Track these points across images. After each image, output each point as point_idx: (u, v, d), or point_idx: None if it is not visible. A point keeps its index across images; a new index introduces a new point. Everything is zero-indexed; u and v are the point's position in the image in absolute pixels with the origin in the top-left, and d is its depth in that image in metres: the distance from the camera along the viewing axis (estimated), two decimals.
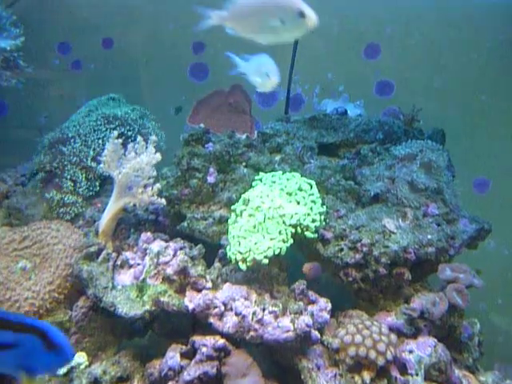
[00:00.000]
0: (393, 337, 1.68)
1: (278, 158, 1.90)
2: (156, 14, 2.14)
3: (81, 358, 1.58)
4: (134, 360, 1.62)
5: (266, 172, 1.82)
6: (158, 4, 2.16)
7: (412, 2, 2.09)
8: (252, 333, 1.49)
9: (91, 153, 1.84)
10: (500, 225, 2.18)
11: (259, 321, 1.50)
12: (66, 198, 1.83)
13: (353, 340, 1.63)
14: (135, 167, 1.55)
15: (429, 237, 1.78)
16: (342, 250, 1.76)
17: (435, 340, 1.72)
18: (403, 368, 1.67)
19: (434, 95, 2.17)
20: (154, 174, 1.63)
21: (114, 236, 1.71)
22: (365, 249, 1.75)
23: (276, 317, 1.54)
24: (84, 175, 1.83)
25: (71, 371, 1.55)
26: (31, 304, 1.59)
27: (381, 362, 1.60)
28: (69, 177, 1.82)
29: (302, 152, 1.90)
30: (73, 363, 1.57)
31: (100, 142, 1.85)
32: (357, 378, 1.62)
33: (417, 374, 1.65)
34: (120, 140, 1.60)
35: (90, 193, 1.87)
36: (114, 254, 1.63)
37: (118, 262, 1.63)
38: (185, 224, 1.78)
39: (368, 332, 1.66)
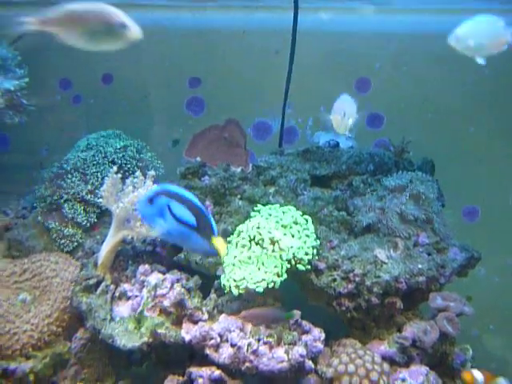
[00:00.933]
0: (385, 366, 1.70)
1: (272, 190, 1.94)
2: (152, 51, 2.20)
3: None
4: None
5: (260, 204, 1.86)
6: (154, 40, 2.23)
7: (400, 38, 2.16)
8: (247, 364, 1.51)
9: (89, 187, 1.88)
10: (490, 252, 2.23)
11: (254, 352, 1.52)
12: (65, 231, 1.86)
13: (346, 370, 1.66)
14: (133, 201, 1.59)
15: (419, 266, 1.82)
16: (334, 280, 1.79)
17: (427, 368, 1.74)
18: None
19: (423, 126, 2.23)
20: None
21: (113, 268, 1.74)
22: (357, 279, 1.78)
23: (271, 347, 1.57)
24: (82, 208, 1.87)
25: None
26: (30, 336, 1.61)
27: None
28: (67, 210, 1.85)
29: (295, 184, 1.95)
30: None
31: (98, 175, 1.89)
32: None
33: None
34: (119, 175, 1.65)
35: (88, 224, 1.91)
36: (112, 286, 1.66)
37: (117, 294, 1.66)
38: (181, 255, 1.82)
39: (361, 361, 1.68)
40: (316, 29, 2.13)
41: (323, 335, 1.71)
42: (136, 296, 1.65)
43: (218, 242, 1.45)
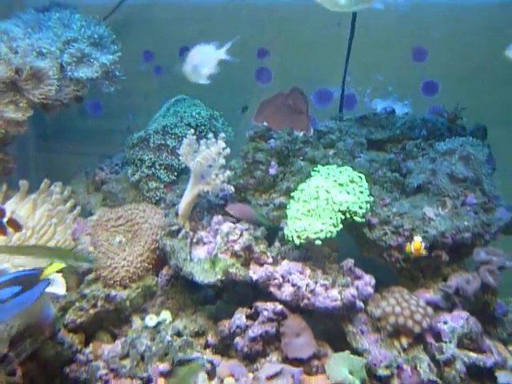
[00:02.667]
0: (429, 309, 1.88)
1: (331, 152, 2.12)
2: (226, 23, 2.39)
3: (166, 315, 1.90)
4: (208, 320, 1.92)
5: (320, 165, 2.05)
6: (227, 15, 2.41)
7: (455, 7, 2.22)
8: (305, 301, 1.74)
9: (169, 147, 2.14)
10: None
11: (312, 291, 1.75)
12: (150, 184, 2.14)
13: (393, 310, 1.86)
14: (206, 157, 1.82)
15: (465, 223, 1.96)
16: (386, 234, 1.97)
17: (468, 313, 1.90)
18: (438, 336, 1.88)
19: (477, 94, 2.30)
20: (224, 163, 1.89)
21: (191, 218, 2.00)
22: (406, 233, 1.95)
23: (326, 288, 1.79)
24: (163, 166, 2.13)
25: (158, 325, 1.87)
26: (127, 271, 1.92)
27: (417, 329, 1.82)
28: (151, 167, 2.12)
29: (353, 147, 2.11)
30: (160, 319, 1.89)
31: (176, 138, 2.13)
32: (396, 342, 1.85)
33: (450, 342, 1.85)
34: (195, 136, 1.89)
35: (169, 180, 2.17)
36: (191, 233, 1.92)
37: (194, 240, 1.93)
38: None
39: (407, 304, 1.87)
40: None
41: (373, 281, 1.91)
42: (211, 242, 1.91)
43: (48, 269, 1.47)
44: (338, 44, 2.31)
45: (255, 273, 1.79)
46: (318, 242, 1.81)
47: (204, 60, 1.90)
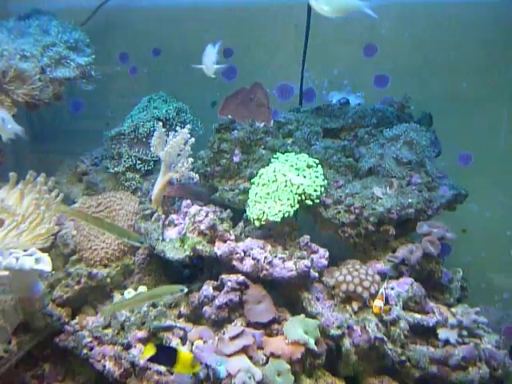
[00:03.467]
0: (376, 277, 2.10)
1: (289, 141, 2.32)
2: (194, 26, 2.58)
3: (142, 290, 2.10)
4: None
5: (280, 152, 2.25)
6: (193, 19, 2.61)
7: (402, 6, 2.43)
8: (264, 272, 1.95)
9: (144, 140, 2.33)
10: (482, 191, 2.54)
11: (270, 263, 1.95)
12: (127, 175, 2.33)
13: (344, 279, 2.06)
14: (173, 146, 2.02)
15: (409, 200, 2.17)
16: (339, 212, 2.18)
17: (412, 280, 2.11)
18: (386, 301, 2.09)
19: (424, 84, 2.51)
20: (190, 152, 2.09)
21: (163, 203, 2.20)
22: (357, 211, 2.16)
23: (283, 261, 1.99)
24: (138, 158, 2.32)
25: None
26: (105, 252, 2.11)
27: (365, 295, 2.03)
28: (128, 159, 2.32)
29: (309, 136, 2.32)
30: (137, 293, 2.09)
31: (149, 131, 2.32)
32: (348, 307, 2.06)
33: (396, 305, 2.07)
34: (164, 129, 2.08)
35: (145, 170, 2.36)
36: (163, 216, 2.12)
37: (166, 222, 2.13)
38: (217, 194, 2.25)
39: (357, 273, 2.08)
40: None
41: (327, 253, 2.11)
42: (181, 223, 2.11)
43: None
44: (296, 43, 2.50)
45: (219, 248, 1.99)
46: (277, 220, 2.01)
47: (211, 59, 2.10)
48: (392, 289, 2.11)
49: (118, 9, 2.67)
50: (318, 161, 2.17)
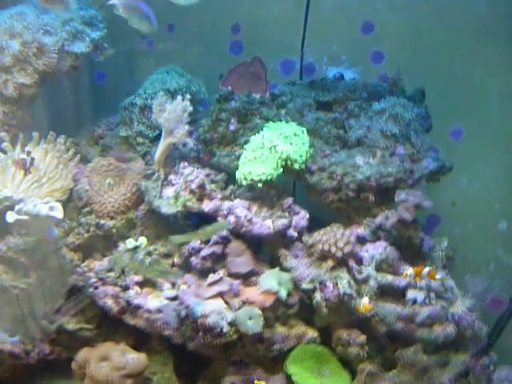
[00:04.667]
0: (352, 238, 2.21)
1: (283, 111, 2.45)
2: (204, 3, 2.73)
3: (142, 240, 2.32)
4: (175, 246, 2.33)
5: (273, 122, 2.39)
6: None
7: None
8: (244, 228, 2.12)
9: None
10: (471, 165, 2.58)
11: (249, 220, 2.12)
12: (138, 140, 2.55)
13: (321, 239, 2.20)
14: (170, 112, 2.21)
15: (389, 169, 2.26)
16: (322, 178, 2.30)
17: (386, 243, 2.22)
18: (360, 262, 2.22)
19: (420, 62, 2.56)
20: (188, 119, 2.27)
21: (165, 165, 2.40)
22: (338, 177, 2.27)
23: (263, 219, 2.15)
24: (147, 124, 2.53)
25: (136, 248, 2.30)
26: (112, 206, 2.35)
27: (339, 254, 2.16)
28: (138, 125, 2.53)
29: (301, 107, 2.44)
30: (137, 243, 2.32)
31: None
32: (323, 264, 2.20)
33: (368, 265, 2.19)
34: (165, 96, 2.28)
35: (153, 136, 2.56)
36: (162, 176, 2.33)
37: (165, 182, 2.33)
38: (215, 159, 2.42)
39: (333, 234, 2.21)
40: None
41: (307, 215, 2.25)
42: (177, 183, 2.31)
43: None
44: (299, 19, 2.60)
45: (207, 206, 2.18)
46: (260, 181, 2.17)
47: None
48: (367, 251, 2.23)
49: None
50: (304, 129, 2.30)
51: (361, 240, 2.27)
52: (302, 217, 2.24)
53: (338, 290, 2.09)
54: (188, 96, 2.28)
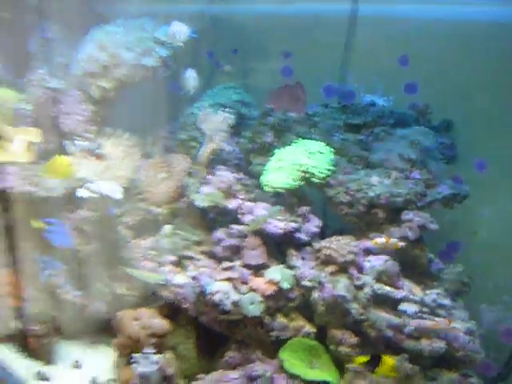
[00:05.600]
0: (355, 249, 2.38)
1: (314, 130, 2.70)
2: (265, 31, 3.07)
3: (181, 228, 2.69)
4: (207, 235, 2.66)
5: (304, 139, 2.64)
6: (266, 25, 3.09)
7: (432, 23, 2.62)
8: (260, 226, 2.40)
9: None
10: (494, 197, 2.62)
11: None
12: (190, 143, 2.93)
13: (327, 245, 2.40)
14: (213, 122, 2.56)
15: (399, 190, 2.40)
16: (339, 192, 2.50)
17: (387, 257, 2.36)
18: (361, 270, 2.38)
19: (449, 94, 2.67)
20: (226, 129, 2.60)
21: (207, 166, 2.75)
22: (352, 193, 2.46)
23: (277, 221, 2.41)
24: (200, 132, 2.90)
25: (174, 234, 2.67)
26: (159, 197, 2.75)
27: (341, 261, 2.35)
28: (192, 132, 2.91)
29: (331, 128, 2.67)
30: (176, 230, 2.69)
31: None
32: (326, 268, 2.40)
33: (368, 275, 2.34)
34: (210, 109, 2.64)
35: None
36: (202, 175, 2.68)
37: (204, 180, 2.68)
38: (250, 167, 2.73)
39: (339, 243, 2.40)
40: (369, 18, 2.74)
41: (319, 223, 2.47)
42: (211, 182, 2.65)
43: None
44: (342, 50, 2.84)
45: (231, 204, 2.49)
46: (281, 190, 2.44)
47: None
48: (369, 262, 2.39)
49: (208, 16, 3.26)
50: (330, 148, 2.52)
51: (367, 252, 2.44)
52: (314, 224, 2.46)
53: (334, 292, 2.29)
54: (228, 110, 2.62)
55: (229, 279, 2.31)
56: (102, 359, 2.77)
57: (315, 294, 2.32)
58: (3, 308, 2.97)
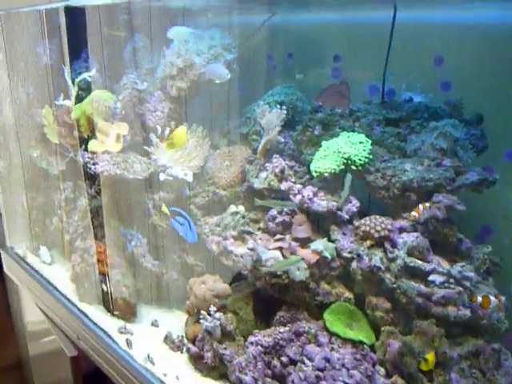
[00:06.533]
0: (389, 226, 2.65)
1: (357, 124, 2.99)
2: (318, 38, 3.38)
3: (241, 208, 3.08)
4: (263, 214, 3.03)
5: (347, 132, 2.94)
6: (318, 31, 3.40)
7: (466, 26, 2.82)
8: (306, 204, 2.74)
9: None
10: None
11: (310, 199, 2.73)
12: (253, 136, 3.31)
13: (365, 222, 2.69)
14: (268, 117, 2.92)
15: (431, 175, 2.63)
16: (377, 178, 2.78)
17: (419, 234, 2.60)
18: (395, 245, 2.65)
19: (482, 91, 2.85)
20: (279, 124, 2.96)
21: (265, 156, 3.12)
22: (388, 178, 2.73)
23: (322, 200, 2.74)
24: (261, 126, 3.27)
25: (235, 213, 3.06)
26: (225, 180, 3.16)
27: (376, 235, 2.63)
28: (254, 126, 3.29)
29: (372, 122, 2.95)
30: (238, 209, 3.08)
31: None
32: (364, 243, 2.69)
33: (400, 249, 2.61)
34: (267, 106, 3.00)
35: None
36: (260, 162, 3.05)
37: (262, 167, 3.05)
38: (302, 157, 3.06)
39: (375, 221, 2.69)
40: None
41: (358, 204, 2.77)
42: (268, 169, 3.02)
43: None
44: (384, 53, 3.10)
45: (283, 185, 2.85)
46: (326, 175, 2.76)
47: None
48: (401, 238, 2.66)
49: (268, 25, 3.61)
50: (369, 140, 2.81)
51: (401, 230, 2.70)
52: (353, 205, 2.76)
53: (370, 262, 2.58)
54: (284, 107, 2.97)
55: (279, 248, 2.67)
56: (175, 320, 3.23)
57: (354, 264, 2.63)
58: (95, 274, 3.51)
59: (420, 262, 2.59)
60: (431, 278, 2.54)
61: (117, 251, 3.41)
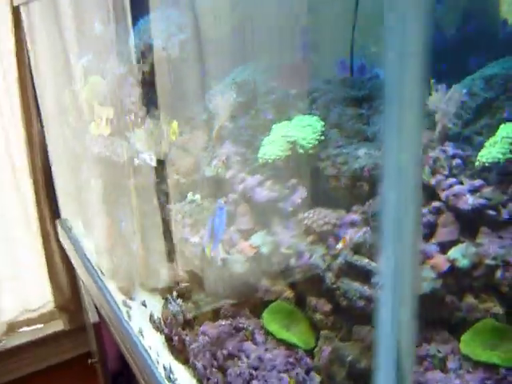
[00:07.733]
0: (332, 221, 2.26)
1: (314, 106, 2.59)
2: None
3: (198, 196, 2.82)
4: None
5: (304, 115, 2.56)
6: None
7: None
8: (248, 195, 2.42)
9: None
10: None
11: (252, 189, 2.41)
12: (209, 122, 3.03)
13: (307, 216, 2.32)
14: (217, 102, 2.63)
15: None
16: (327, 166, 2.38)
17: (368, 229, 2.19)
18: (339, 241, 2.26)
19: None
20: (229, 108, 2.64)
21: (219, 143, 2.82)
22: (338, 166, 2.33)
23: (262, 190, 2.40)
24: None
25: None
26: (184, 168, 2.91)
27: (318, 230, 2.26)
28: None
29: (328, 102, 2.54)
30: (194, 197, 2.82)
31: None
32: (306, 238, 2.32)
33: (345, 245, 2.22)
34: (216, 91, 2.69)
35: None
36: (214, 150, 2.76)
37: (213, 155, 2.76)
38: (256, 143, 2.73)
39: (319, 214, 2.30)
40: None
41: (304, 195, 2.39)
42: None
43: None
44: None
45: (228, 174, 2.55)
46: (270, 161, 2.42)
47: None
48: (347, 233, 2.25)
49: None
50: (320, 122, 2.42)
51: (352, 224, 2.30)
52: (298, 195, 2.40)
53: (309, 260, 2.22)
54: (233, 89, 2.65)
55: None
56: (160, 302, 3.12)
57: (292, 261, 2.28)
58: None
59: (366, 261, 2.19)
60: (376, 279, 2.13)
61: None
